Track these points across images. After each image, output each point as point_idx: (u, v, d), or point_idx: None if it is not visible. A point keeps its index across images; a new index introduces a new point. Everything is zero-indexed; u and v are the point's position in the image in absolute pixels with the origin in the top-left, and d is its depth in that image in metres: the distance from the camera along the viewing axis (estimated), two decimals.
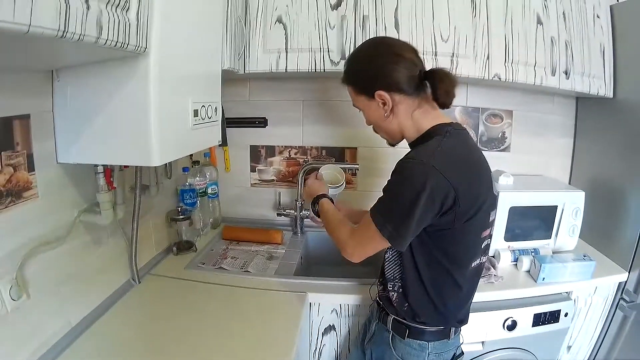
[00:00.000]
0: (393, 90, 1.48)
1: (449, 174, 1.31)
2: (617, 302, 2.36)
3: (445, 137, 1.41)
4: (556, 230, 2.41)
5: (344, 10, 2.18)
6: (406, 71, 1.47)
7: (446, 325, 1.56)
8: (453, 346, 1.61)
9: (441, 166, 1.31)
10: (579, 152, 2.90)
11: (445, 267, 1.46)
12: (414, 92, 1.49)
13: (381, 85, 1.48)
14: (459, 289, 1.52)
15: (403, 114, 1.52)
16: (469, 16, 2.22)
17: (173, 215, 2.33)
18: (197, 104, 1.55)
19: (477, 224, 1.46)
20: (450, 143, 1.41)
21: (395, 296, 1.58)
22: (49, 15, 0.79)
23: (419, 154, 1.37)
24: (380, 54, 1.51)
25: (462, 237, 1.44)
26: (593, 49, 2.44)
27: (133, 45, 1.12)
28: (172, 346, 1.56)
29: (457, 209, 1.34)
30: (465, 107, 2.83)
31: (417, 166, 1.33)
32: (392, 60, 1.48)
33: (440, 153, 1.35)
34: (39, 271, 1.42)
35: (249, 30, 2.22)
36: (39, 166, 1.41)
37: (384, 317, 1.64)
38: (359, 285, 2.04)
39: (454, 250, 1.46)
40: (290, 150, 2.93)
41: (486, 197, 1.45)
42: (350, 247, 1.52)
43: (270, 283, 2.08)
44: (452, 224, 1.38)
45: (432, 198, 1.30)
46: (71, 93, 1.39)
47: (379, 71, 1.50)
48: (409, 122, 1.52)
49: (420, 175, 1.30)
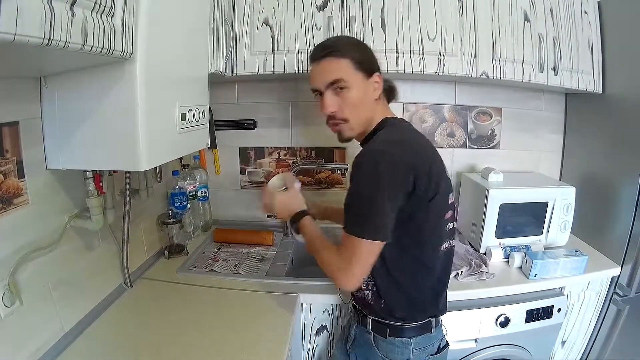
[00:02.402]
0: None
1: (403, 156, 1.36)
2: (611, 296, 2.37)
3: (393, 127, 1.51)
4: (547, 226, 2.42)
5: (330, 11, 2.18)
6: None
7: (425, 318, 1.57)
8: (436, 339, 1.62)
9: (394, 149, 1.37)
10: (569, 148, 2.92)
11: (414, 254, 1.49)
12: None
13: (377, 68, 1.57)
14: (430, 274, 1.55)
15: (379, 103, 1.62)
16: (456, 14, 2.22)
17: (164, 219, 2.32)
18: (185, 108, 1.55)
19: (439, 205, 1.49)
20: (399, 130, 1.51)
21: (370, 295, 1.58)
22: (34, 24, 0.80)
23: (370, 145, 1.45)
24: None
25: (427, 220, 1.47)
26: (581, 45, 2.45)
27: (119, 51, 1.13)
28: (165, 349, 1.57)
29: (418, 190, 1.37)
30: (454, 106, 2.84)
31: (371, 156, 1.38)
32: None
33: (392, 140, 1.42)
34: (31, 277, 1.42)
35: (235, 32, 2.22)
36: (29, 173, 1.41)
37: (362, 319, 1.64)
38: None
39: (420, 235, 1.48)
40: (280, 151, 2.93)
41: (441, 179, 1.48)
42: (342, 276, 1.44)
43: (262, 285, 2.08)
44: (418, 205, 1.41)
45: (395, 180, 1.34)
46: (59, 99, 1.39)
47: (374, 55, 1.60)
48: (376, 113, 1.61)
49: (375, 162, 1.34)
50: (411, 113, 2.82)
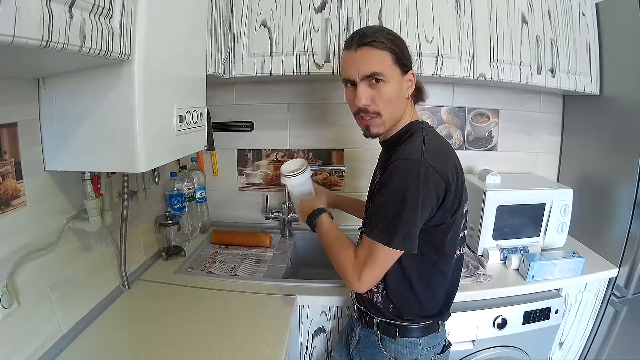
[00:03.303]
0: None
1: (439, 168, 1.32)
2: (608, 297, 2.37)
3: (425, 134, 1.45)
4: (545, 227, 2.42)
5: (328, 13, 2.19)
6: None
7: (433, 319, 1.57)
8: (442, 338, 1.63)
9: (433, 161, 1.32)
10: (566, 150, 2.92)
11: (433, 261, 1.49)
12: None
13: (412, 66, 1.53)
14: (445, 280, 1.55)
15: (409, 102, 1.58)
16: (454, 16, 2.23)
17: (161, 221, 2.32)
18: (182, 110, 1.56)
19: (460, 217, 1.49)
20: (431, 139, 1.45)
21: (379, 298, 1.57)
22: (32, 26, 0.80)
23: (410, 153, 1.37)
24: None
25: (449, 229, 1.46)
26: (579, 47, 2.46)
27: (117, 53, 1.13)
28: (162, 351, 1.57)
29: (447, 203, 1.37)
30: (452, 107, 2.85)
31: (412, 164, 1.32)
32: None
33: (429, 149, 1.36)
34: (29, 278, 1.42)
35: (233, 34, 2.22)
36: (27, 174, 1.41)
37: (369, 320, 1.63)
38: (347, 287, 2.04)
39: (442, 244, 1.47)
40: (277, 153, 2.93)
41: (463, 191, 1.48)
42: (356, 278, 1.45)
43: (259, 286, 2.07)
44: (444, 218, 1.40)
45: (429, 193, 1.31)
46: (57, 100, 1.39)
47: (409, 53, 1.54)
48: (405, 109, 1.56)
49: (417, 172, 1.30)
50: None
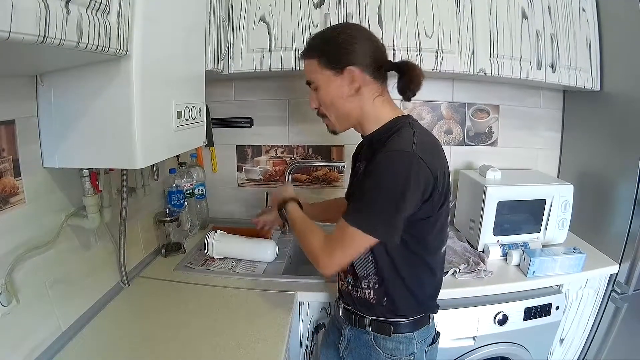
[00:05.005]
0: (364, 70, 1.46)
1: (428, 162, 1.33)
2: (609, 294, 2.37)
3: (414, 128, 1.43)
4: (545, 223, 2.42)
5: (327, 8, 2.18)
6: (379, 55, 1.51)
7: (424, 313, 1.58)
8: (433, 330, 1.65)
9: (422, 154, 1.32)
10: (567, 145, 2.92)
11: (420, 255, 1.49)
12: (380, 77, 1.51)
13: (354, 61, 1.46)
14: (433, 275, 1.57)
15: (367, 97, 1.50)
16: (453, 11, 2.22)
17: (161, 217, 2.31)
18: (181, 105, 1.55)
19: (446, 211, 1.50)
20: (421, 133, 1.44)
21: (372, 293, 1.56)
22: (29, 21, 0.79)
23: (400, 145, 1.36)
24: (356, 31, 1.52)
25: (436, 224, 1.46)
26: (579, 42, 2.45)
27: (114, 49, 1.12)
28: (162, 347, 1.56)
29: (434, 197, 1.37)
30: (452, 103, 2.84)
31: (402, 156, 1.32)
32: (367, 40, 1.51)
33: (418, 142, 1.36)
34: (28, 276, 1.42)
35: (232, 30, 2.21)
36: (25, 171, 1.41)
37: (359, 320, 1.61)
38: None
39: (429, 238, 1.48)
40: (277, 149, 2.94)
41: (450, 186, 1.49)
42: (325, 257, 1.43)
43: (259, 283, 2.07)
44: (431, 212, 1.40)
45: (418, 186, 1.31)
46: (55, 97, 1.38)
47: (354, 47, 1.47)
48: (370, 107, 1.51)
49: (406, 164, 1.30)
50: (409, 110, 2.80)
